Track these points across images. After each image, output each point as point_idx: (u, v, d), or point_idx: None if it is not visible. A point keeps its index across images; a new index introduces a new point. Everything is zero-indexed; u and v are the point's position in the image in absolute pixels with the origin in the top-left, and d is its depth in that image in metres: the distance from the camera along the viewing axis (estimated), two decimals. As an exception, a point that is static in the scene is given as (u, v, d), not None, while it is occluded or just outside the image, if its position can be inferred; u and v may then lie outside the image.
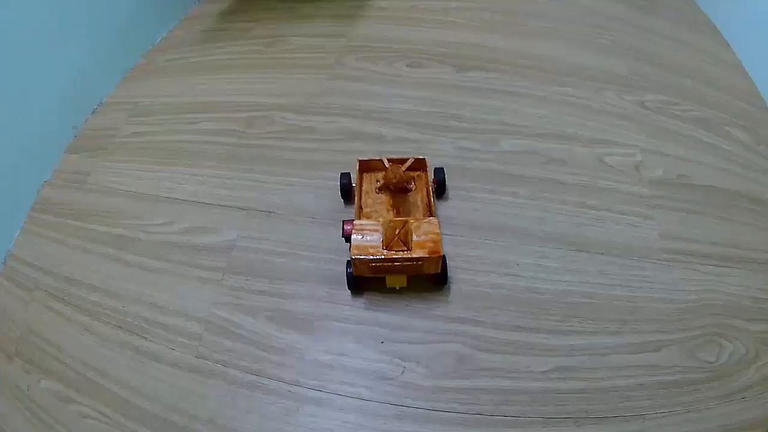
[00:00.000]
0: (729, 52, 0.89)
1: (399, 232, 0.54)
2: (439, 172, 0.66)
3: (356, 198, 0.61)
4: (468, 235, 0.64)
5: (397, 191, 0.63)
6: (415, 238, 0.53)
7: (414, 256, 0.52)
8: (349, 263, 0.57)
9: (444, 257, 0.56)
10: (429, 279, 0.58)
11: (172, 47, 0.98)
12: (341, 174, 0.66)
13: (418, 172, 0.65)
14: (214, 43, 0.96)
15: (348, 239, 0.55)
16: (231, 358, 0.55)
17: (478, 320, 0.56)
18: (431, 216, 0.58)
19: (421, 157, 0.65)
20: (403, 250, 0.53)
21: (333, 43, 0.92)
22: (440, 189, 0.67)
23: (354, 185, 0.64)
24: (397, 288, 0.58)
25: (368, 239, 0.54)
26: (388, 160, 0.63)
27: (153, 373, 0.55)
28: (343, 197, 0.67)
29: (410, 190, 0.64)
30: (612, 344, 0.54)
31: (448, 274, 0.58)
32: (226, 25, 1.01)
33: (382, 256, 0.53)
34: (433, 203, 0.60)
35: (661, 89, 0.81)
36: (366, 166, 0.66)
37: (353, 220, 0.56)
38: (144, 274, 0.63)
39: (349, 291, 0.60)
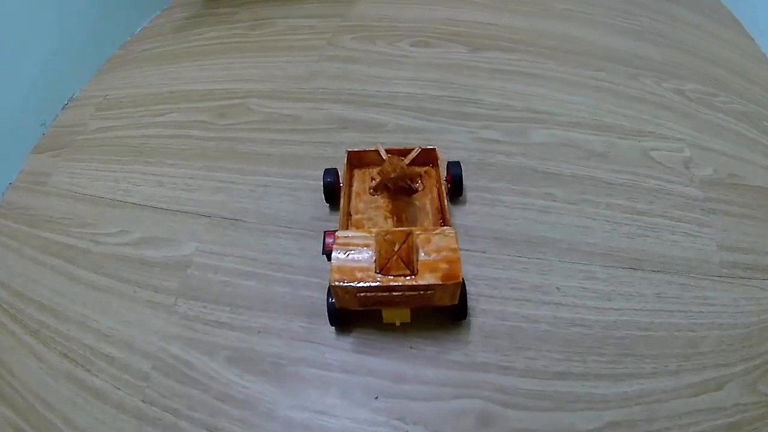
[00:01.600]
0: (753, 45, 0.81)
1: (399, 248, 0.39)
2: (454, 167, 0.53)
3: (342, 200, 0.48)
4: (493, 250, 0.52)
5: (399, 192, 0.50)
6: (422, 256, 0.40)
7: (421, 283, 0.38)
8: (330, 291, 0.43)
9: (463, 283, 0.42)
10: (441, 312, 0.46)
11: (150, 37, 0.88)
12: (325, 171, 0.54)
13: (426, 167, 0.53)
14: (193, 30, 0.85)
15: (330, 257, 0.41)
16: (182, 407, 0.44)
17: (506, 366, 0.45)
18: (445, 225, 0.46)
19: (430, 147, 0.52)
20: (405, 275, 0.39)
21: (326, 23, 0.82)
22: (456, 189, 0.54)
23: (342, 184, 0.52)
24: (398, 324, 0.46)
25: (355, 258, 0.40)
26: (386, 151, 0.51)
27: (98, 414, 0.46)
28: (328, 200, 0.55)
29: (416, 190, 0.52)
30: (672, 387, 0.44)
31: (468, 304, 0.46)
32: (209, 11, 0.90)
33: (375, 283, 0.38)
34: (446, 208, 0.48)
35: (697, 78, 0.71)
36: (357, 159, 0.53)
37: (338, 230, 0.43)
38: (91, 293, 0.53)
39: (333, 327, 0.47)
